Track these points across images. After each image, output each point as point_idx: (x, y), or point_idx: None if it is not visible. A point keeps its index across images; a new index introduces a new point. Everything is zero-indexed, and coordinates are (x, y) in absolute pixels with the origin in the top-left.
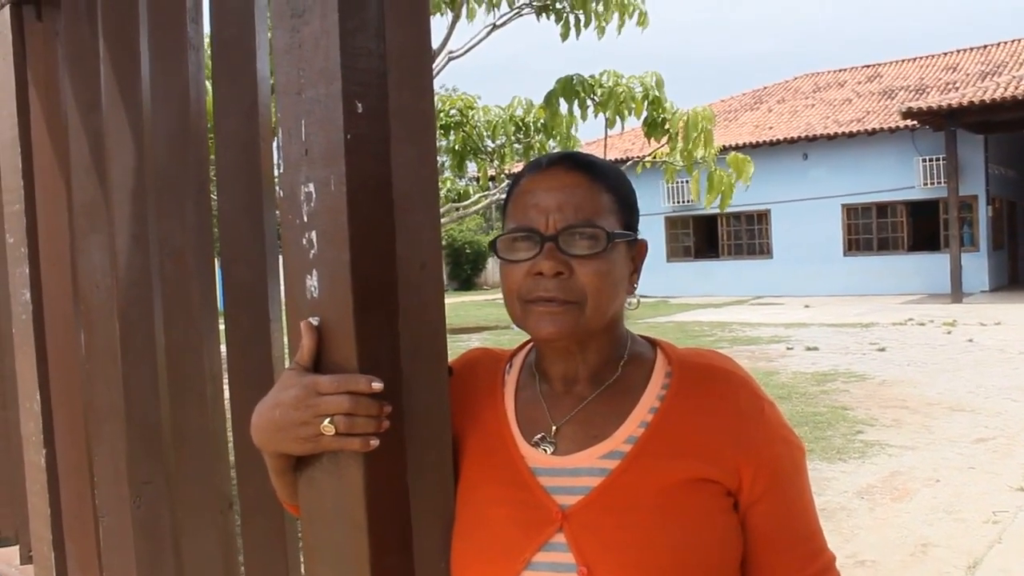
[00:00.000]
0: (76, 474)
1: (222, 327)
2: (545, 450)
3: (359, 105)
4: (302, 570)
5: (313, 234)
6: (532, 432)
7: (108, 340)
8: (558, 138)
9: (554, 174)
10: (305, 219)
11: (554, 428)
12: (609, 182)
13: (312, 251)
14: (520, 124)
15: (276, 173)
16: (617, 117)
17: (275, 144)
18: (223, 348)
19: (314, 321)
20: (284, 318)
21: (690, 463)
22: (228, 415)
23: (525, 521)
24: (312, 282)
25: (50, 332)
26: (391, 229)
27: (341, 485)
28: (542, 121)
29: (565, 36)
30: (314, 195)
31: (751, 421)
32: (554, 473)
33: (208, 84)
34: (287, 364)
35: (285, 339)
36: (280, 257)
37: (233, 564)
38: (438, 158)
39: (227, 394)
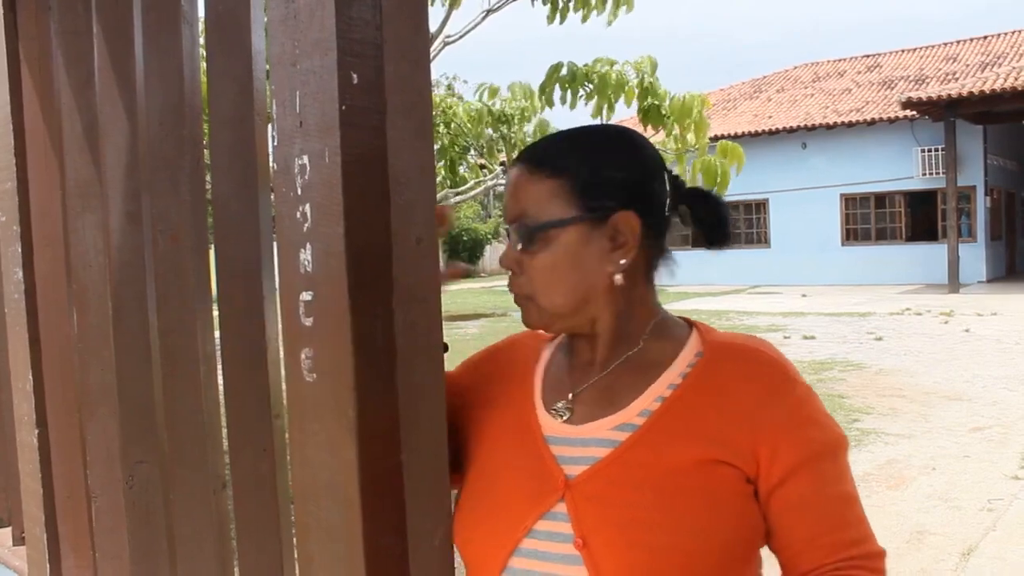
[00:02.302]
0: (69, 455)
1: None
2: (560, 416)
3: (354, 76)
4: (295, 550)
5: (307, 207)
6: (554, 400)
7: (101, 320)
8: (534, 122)
9: (512, 172)
10: (299, 192)
11: (570, 395)
12: (558, 164)
13: (306, 224)
14: (501, 115)
15: (270, 147)
16: (605, 106)
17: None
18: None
19: (307, 296)
20: (278, 296)
21: (704, 444)
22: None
23: (531, 489)
24: (306, 256)
25: (43, 312)
26: (386, 202)
27: (335, 462)
28: (518, 109)
29: (551, 19)
30: (308, 167)
31: (775, 402)
32: (566, 442)
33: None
34: (281, 343)
35: (279, 318)
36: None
37: (226, 544)
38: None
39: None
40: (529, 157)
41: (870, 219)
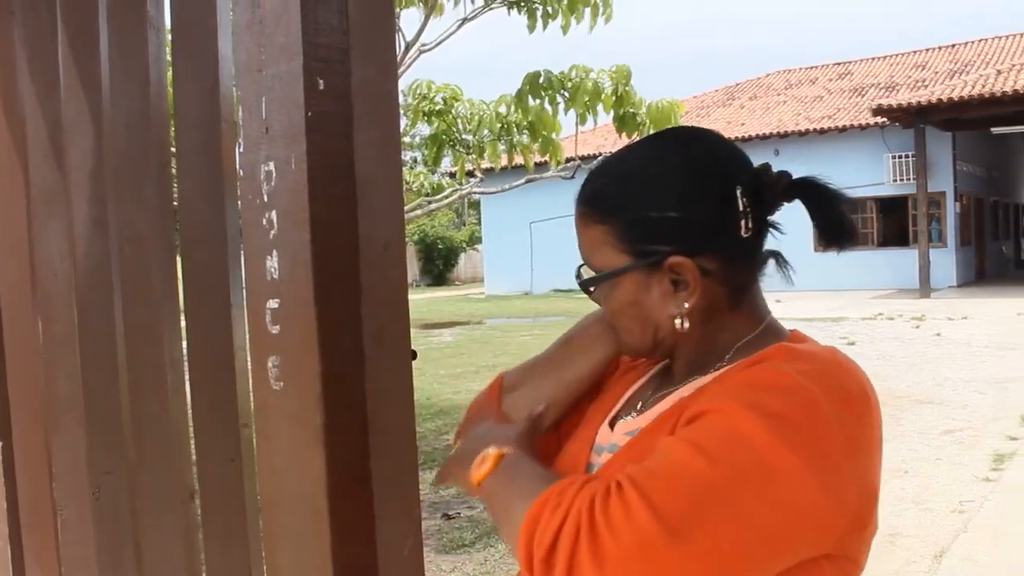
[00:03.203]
0: (34, 466)
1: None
2: (613, 424)
3: (320, 82)
4: (263, 560)
5: (273, 214)
6: (628, 409)
7: (67, 328)
8: (540, 140)
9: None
10: (265, 199)
11: (639, 404)
12: (604, 208)
13: (272, 231)
14: (504, 122)
15: (237, 153)
16: (588, 113)
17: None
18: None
19: (274, 304)
20: (245, 303)
21: None
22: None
23: None
24: (272, 263)
25: (7, 320)
26: (353, 209)
27: (302, 471)
28: (528, 120)
29: (532, 28)
30: (274, 174)
31: (741, 373)
32: (598, 447)
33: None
34: (248, 350)
35: (246, 324)
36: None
37: (194, 554)
38: (414, 151)
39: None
40: (581, 196)
41: None
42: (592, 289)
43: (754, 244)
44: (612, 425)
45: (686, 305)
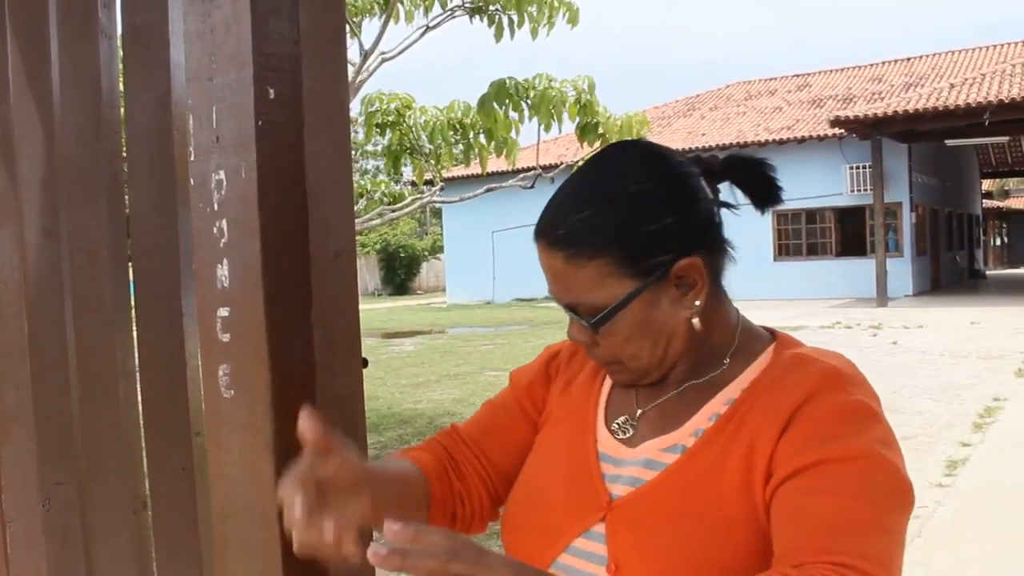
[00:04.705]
0: None
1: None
2: (619, 435)
3: (271, 91)
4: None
5: (224, 223)
6: (617, 414)
7: (16, 337)
8: (494, 142)
9: (540, 249)
10: (216, 207)
11: (638, 412)
12: (593, 243)
13: (223, 240)
14: (458, 126)
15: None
16: (552, 122)
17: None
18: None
19: (224, 312)
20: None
21: (749, 466)
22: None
23: (576, 506)
24: (223, 272)
25: None
26: (304, 217)
27: (252, 479)
28: (481, 124)
29: (499, 38)
30: (225, 183)
31: (806, 404)
32: (617, 462)
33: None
34: (200, 360)
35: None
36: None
37: (146, 565)
38: (377, 159)
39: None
40: (556, 239)
41: (801, 235)
42: (599, 329)
43: (720, 226)
44: (612, 432)
45: (697, 303)
